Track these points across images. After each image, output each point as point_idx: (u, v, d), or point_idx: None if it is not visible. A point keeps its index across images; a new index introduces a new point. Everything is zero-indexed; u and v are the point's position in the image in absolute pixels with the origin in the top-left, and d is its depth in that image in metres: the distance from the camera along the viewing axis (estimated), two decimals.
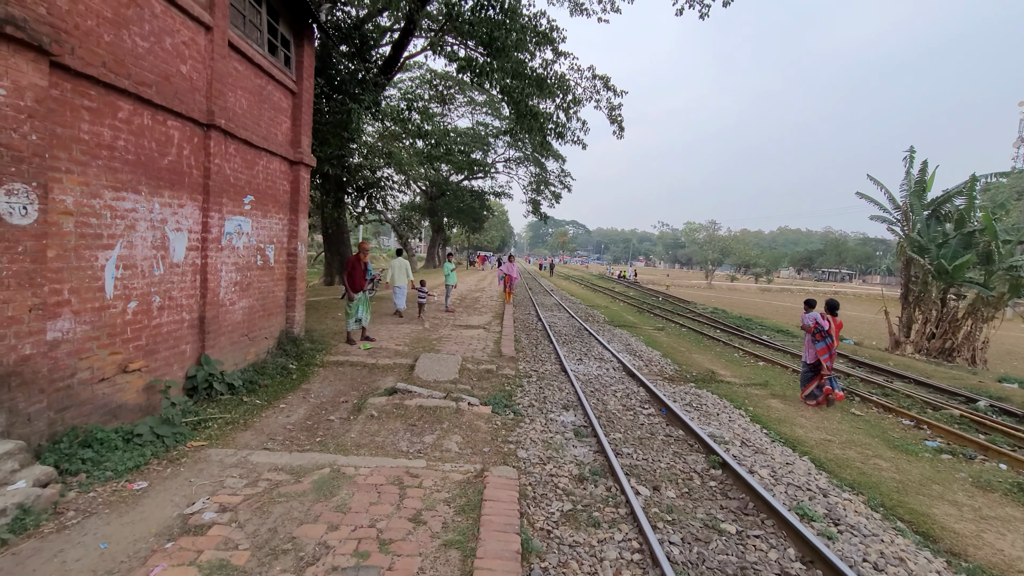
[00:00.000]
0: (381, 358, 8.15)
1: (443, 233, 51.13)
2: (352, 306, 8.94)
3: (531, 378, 8.03)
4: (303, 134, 8.08)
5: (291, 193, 8.03)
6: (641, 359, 10.45)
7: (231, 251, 6.38)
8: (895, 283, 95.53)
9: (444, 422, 5.57)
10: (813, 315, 7.95)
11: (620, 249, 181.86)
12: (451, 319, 12.98)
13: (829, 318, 7.79)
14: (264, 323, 7.40)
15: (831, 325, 7.73)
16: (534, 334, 12.65)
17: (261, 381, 6.53)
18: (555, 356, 9.94)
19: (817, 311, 8.14)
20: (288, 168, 7.92)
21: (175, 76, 5.11)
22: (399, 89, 30.52)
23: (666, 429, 6.19)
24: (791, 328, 19.96)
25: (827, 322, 7.73)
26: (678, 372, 9.62)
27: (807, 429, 6.75)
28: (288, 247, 8.08)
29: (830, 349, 7.69)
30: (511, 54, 14.01)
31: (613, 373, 8.98)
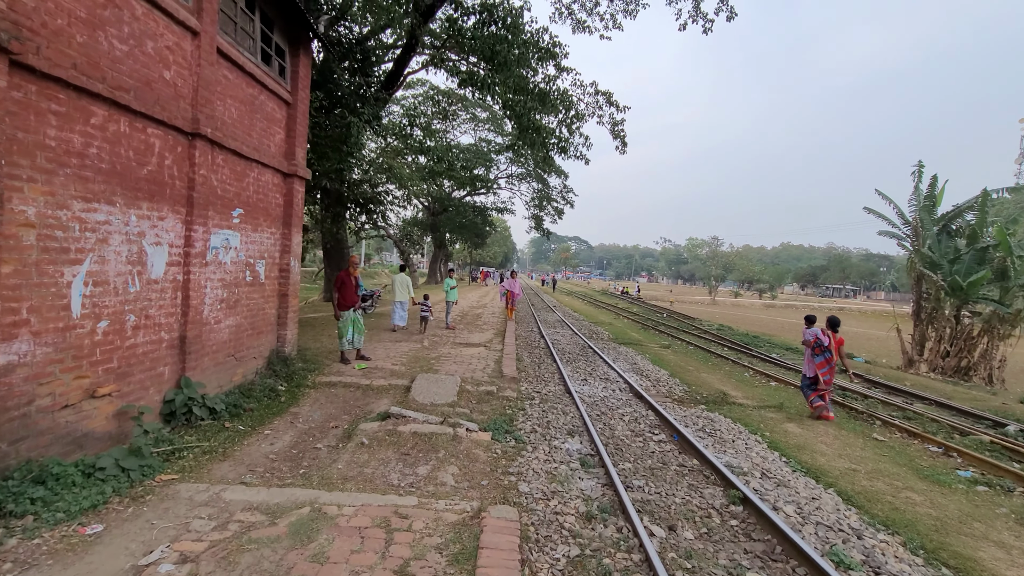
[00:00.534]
0: (376, 379, 7.76)
1: (445, 249, 50.97)
2: (342, 324, 8.57)
3: (534, 400, 7.61)
4: (297, 146, 7.82)
5: (284, 206, 7.73)
6: (648, 379, 10.02)
7: (217, 267, 6.05)
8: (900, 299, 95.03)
9: (440, 450, 5.15)
10: (814, 331, 8.14)
11: (622, 265, 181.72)
12: (451, 337, 12.60)
13: (829, 334, 7.96)
14: (253, 342, 7.03)
15: (831, 341, 7.90)
16: (537, 352, 12.24)
17: (246, 405, 6.13)
18: (559, 376, 9.52)
19: (817, 327, 8.32)
20: (281, 180, 7.63)
21: (157, 82, 4.84)
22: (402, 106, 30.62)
23: (679, 458, 5.76)
24: (799, 346, 19.50)
25: (827, 338, 7.91)
26: (687, 393, 9.18)
27: (829, 457, 6.30)
28: (280, 263, 7.75)
29: (829, 363, 7.87)
30: (513, 69, 13.88)
31: (620, 395, 8.55)
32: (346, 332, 8.62)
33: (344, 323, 8.59)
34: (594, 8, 17.66)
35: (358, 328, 8.78)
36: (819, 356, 7.93)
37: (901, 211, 17.73)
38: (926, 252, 16.56)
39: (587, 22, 17.47)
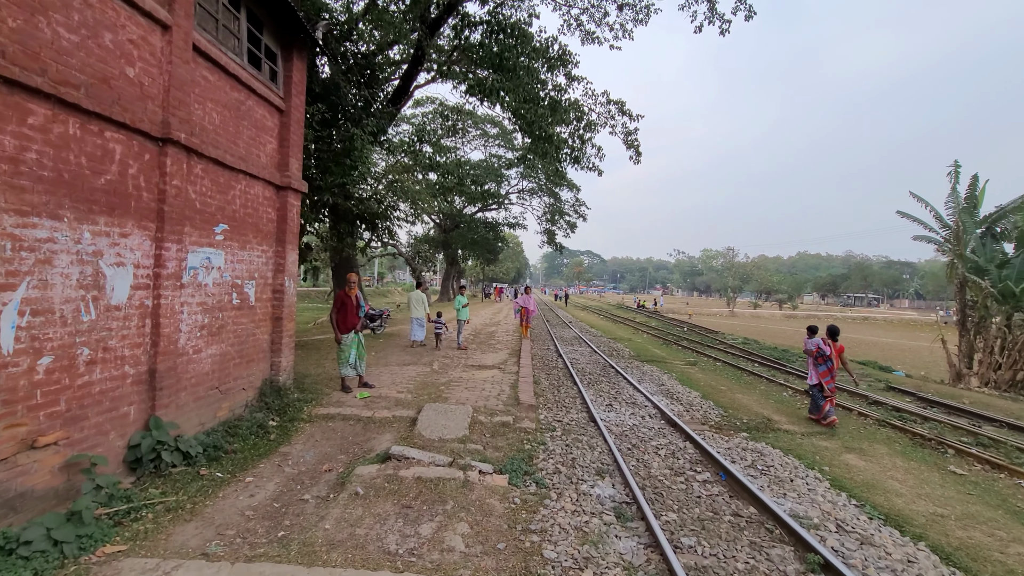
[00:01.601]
0: (379, 410, 6.98)
1: (457, 266, 50.49)
2: (343, 349, 7.85)
3: (555, 432, 6.76)
4: (292, 156, 7.21)
5: (277, 222, 7.10)
6: (679, 402, 9.10)
7: (196, 289, 5.38)
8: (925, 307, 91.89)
9: (448, 501, 4.34)
10: (816, 340, 8.45)
11: (636, 278, 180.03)
12: (463, 358, 11.81)
13: (830, 343, 8.30)
14: (241, 372, 6.33)
15: (832, 350, 8.23)
16: (555, 374, 11.38)
17: (229, 445, 5.40)
18: (581, 401, 8.66)
19: (819, 336, 8.59)
20: (274, 194, 7.01)
21: (117, 79, 4.22)
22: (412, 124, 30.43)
23: (732, 504, 4.86)
24: None
25: (828, 347, 8.23)
26: (725, 419, 8.25)
27: (907, 498, 5.34)
28: (273, 283, 7.09)
29: (831, 371, 8.18)
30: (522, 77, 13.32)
31: (650, 422, 7.66)
32: (347, 357, 7.89)
33: (345, 348, 7.87)
34: (603, 18, 17.19)
35: (360, 353, 8.05)
36: (822, 365, 8.24)
37: (939, 214, 16.65)
38: (970, 256, 15.44)
39: (596, 33, 17.00)
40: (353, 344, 7.98)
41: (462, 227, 42.75)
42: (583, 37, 17.49)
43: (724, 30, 15.47)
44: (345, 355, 7.88)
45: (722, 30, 15.46)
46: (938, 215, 16.63)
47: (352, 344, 7.95)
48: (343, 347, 7.87)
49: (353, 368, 7.99)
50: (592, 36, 17.29)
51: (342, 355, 7.90)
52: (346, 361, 7.89)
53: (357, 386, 8.12)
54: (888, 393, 11.44)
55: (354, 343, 7.99)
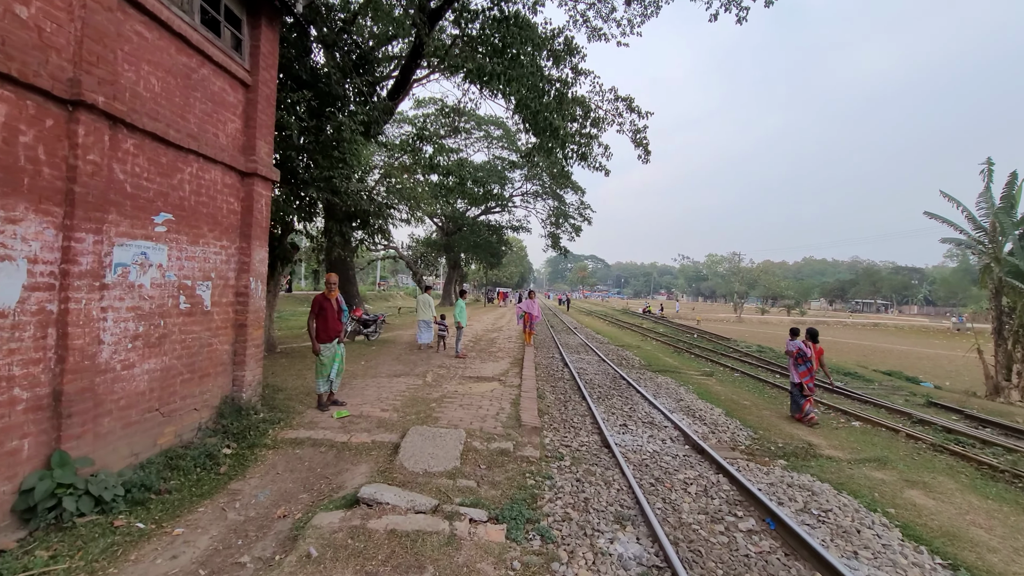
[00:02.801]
0: (357, 432, 5.98)
1: (460, 269, 49.54)
2: (322, 362, 6.85)
3: (563, 461, 5.73)
4: (260, 138, 6.25)
5: (242, 213, 6.13)
6: (702, 421, 8.05)
7: (127, 291, 4.41)
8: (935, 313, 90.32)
9: (426, 567, 3.33)
10: (796, 343, 8.87)
11: (640, 283, 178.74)
12: (460, 368, 10.79)
13: (811, 345, 8.74)
14: (191, 389, 5.34)
15: (812, 351, 8.66)
16: (561, 386, 10.35)
17: (164, 483, 4.40)
18: (591, 420, 7.63)
19: (800, 339, 8.99)
20: (237, 181, 6.04)
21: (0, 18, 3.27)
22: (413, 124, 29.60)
23: (790, 566, 3.82)
24: (857, 369, 17.22)
25: (808, 348, 8.66)
26: (756, 442, 7.20)
27: (1003, 555, 4.29)
28: (237, 285, 6.11)
29: (810, 372, 8.58)
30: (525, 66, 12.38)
31: (673, 447, 6.61)
32: (328, 370, 6.88)
33: (325, 359, 6.86)
34: (610, 14, 16.31)
35: (340, 367, 7.04)
36: (802, 366, 8.64)
37: (971, 214, 15.56)
38: (1008, 259, 14.34)
39: (603, 29, 16.13)
40: (336, 356, 6.98)
41: (465, 230, 41.85)
42: (589, 34, 16.64)
43: (741, 18, 14.50)
44: (325, 368, 6.88)
45: (739, 18, 14.49)
46: (971, 215, 15.54)
47: (335, 356, 6.95)
48: (322, 359, 6.87)
49: (331, 382, 6.99)
50: (599, 33, 16.44)
51: (321, 368, 6.89)
52: (325, 375, 6.89)
53: (332, 403, 7.09)
54: (930, 410, 10.35)
55: (337, 356, 6.98)
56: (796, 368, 8.68)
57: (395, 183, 15.81)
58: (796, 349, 8.72)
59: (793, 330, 9.40)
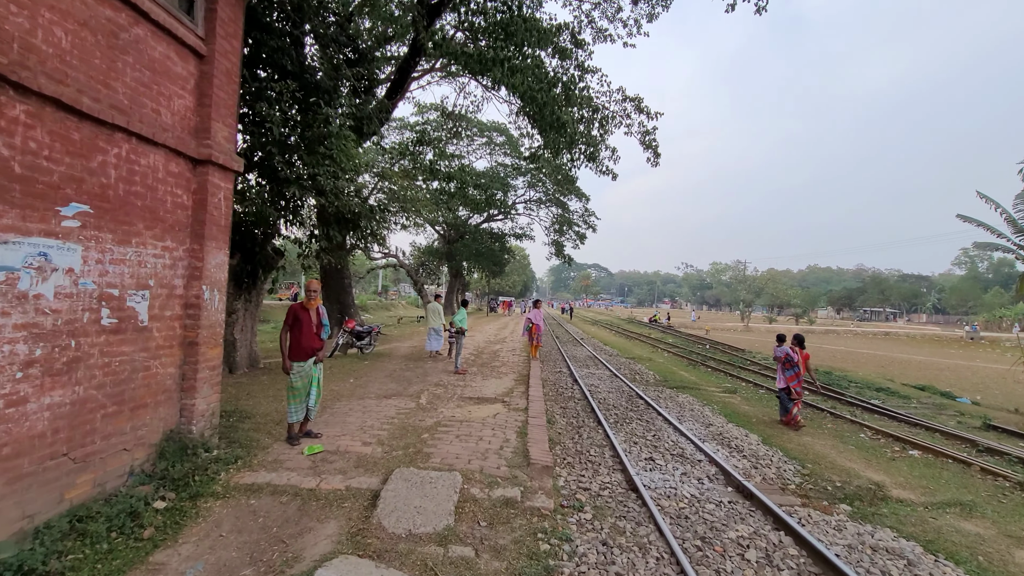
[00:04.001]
0: (330, 475, 4.88)
1: (462, 278, 48.52)
2: (295, 385, 5.77)
3: (583, 513, 4.62)
4: (217, 120, 5.23)
5: (193, 208, 5.09)
6: (739, 452, 6.92)
7: (16, 303, 3.36)
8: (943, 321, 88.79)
9: None
10: (784, 348, 9.12)
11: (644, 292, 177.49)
12: (459, 386, 9.70)
13: (797, 350, 8.99)
14: (119, 426, 4.27)
15: (799, 356, 8.92)
16: (572, 407, 9.24)
17: (57, 560, 3.31)
18: (611, 452, 6.52)
19: (787, 344, 9.22)
20: (187, 169, 5.01)
21: None
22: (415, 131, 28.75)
23: None
24: (887, 384, 16.03)
25: (796, 354, 8.92)
26: (808, 479, 6.08)
27: None
28: (186, 295, 5.06)
29: (798, 376, 8.84)
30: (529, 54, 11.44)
31: (713, 489, 5.49)
32: (300, 395, 5.79)
33: (298, 382, 5.77)
34: (616, 14, 15.44)
35: (317, 386, 5.95)
36: (789, 371, 8.91)
37: (1011, 217, 14.43)
38: None
39: (608, 30, 15.26)
40: (313, 380, 5.89)
41: (467, 238, 40.87)
42: (595, 35, 15.78)
43: (760, 8, 13.52)
44: (297, 393, 5.79)
45: (758, 7, 13.52)
46: (1011, 218, 14.41)
47: (311, 379, 5.86)
48: (294, 380, 5.78)
49: (310, 408, 5.89)
50: (604, 34, 15.58)
51: (292, 392, 5.80)
52: (297, 400, 5.80)
53: (302, 433, 5.97)
54: (990, 434, 9.17)
55: (313, 378, 5.90)
56: (784, 373, 9.01)
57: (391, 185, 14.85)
58: (784, 355, 9.02)
59: (780, 336, 9.66)
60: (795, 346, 9.04)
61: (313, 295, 5.95)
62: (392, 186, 19.07)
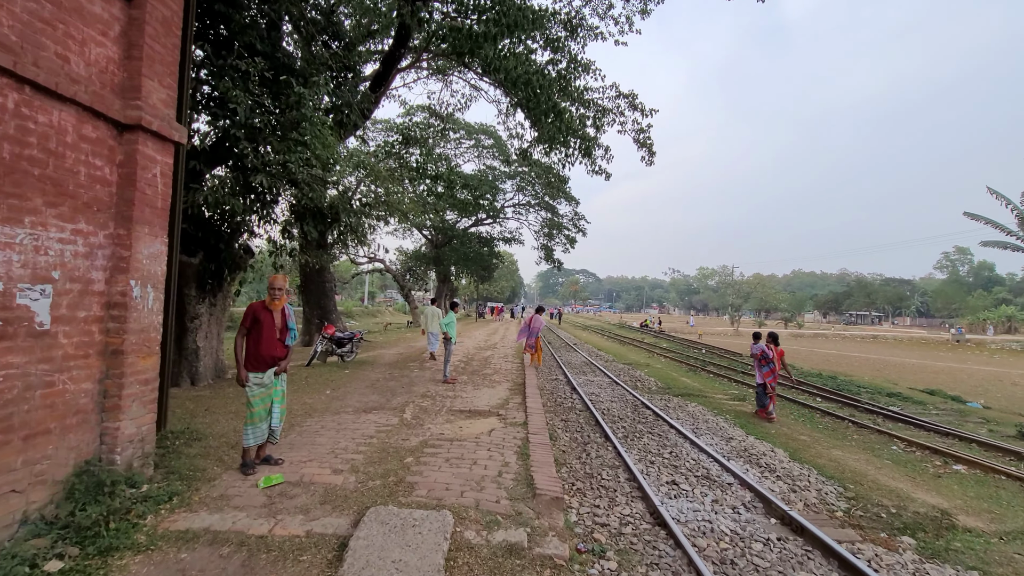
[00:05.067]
0: (288, 516, 3.90)
1: (450, 283, 47.49)
2: (251, 400, 4.77)
3: (606, 561, 3.70)
4: (149, 77, 4.26)
5: (119, 184, 4.11)
6: (772, 472, 6.06)
7: None
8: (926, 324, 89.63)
9: None
10: (760, 346, 9.52)
11: (632, 297, 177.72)
12: (449, 396, 8.73)
13: (772, 348, 9.37)
14: (6, 459, 3.26)
15: (774, 353, 9.30)
16: (574, 419, 8.34)
17: None
18: (625, 473, 5.62)
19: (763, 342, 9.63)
20: (110, 135, 4.04)
21: None
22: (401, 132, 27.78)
23: None
24: (898, 388, 15.39)
25: (771, 351, 9.30)
26: (855, 503, 5.24)
27: None
28: (108, 291, 4.06)
29: (773, 372, 9.26)
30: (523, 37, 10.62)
31: (756, 522, 4.61)
32: (259, 414, 4.78)
33: (255, 397, 4.78)
34: (608, 11, 14.76)
35: (280, 411, 4.95)
36: (765, 367, 9.30)
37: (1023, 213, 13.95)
38: None
39: (599, 28, 14.59)
40: (275, 395, 4.90)
41: (455, 242, 39.89)
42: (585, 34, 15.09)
43: None
44: (255, 411, 4.79)
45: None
46: (1022, 216, 13.93)
47: (272, 392, 4.87)
48: (251, 395, 4.79)
49: (269, 430, 4.89)
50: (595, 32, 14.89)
51: (250, 410, 4.81)
52: (258, 420, 4.79)
53: (260, 459, 4.95)
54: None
55: (276, 393, 4.91)
56: (760, 369, 9.41)
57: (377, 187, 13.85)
58: (760, 352, 9.45)
59: (756, 334, 10.22)
60: (770, 343, 9.49)
61: (278, 293, 4.96)
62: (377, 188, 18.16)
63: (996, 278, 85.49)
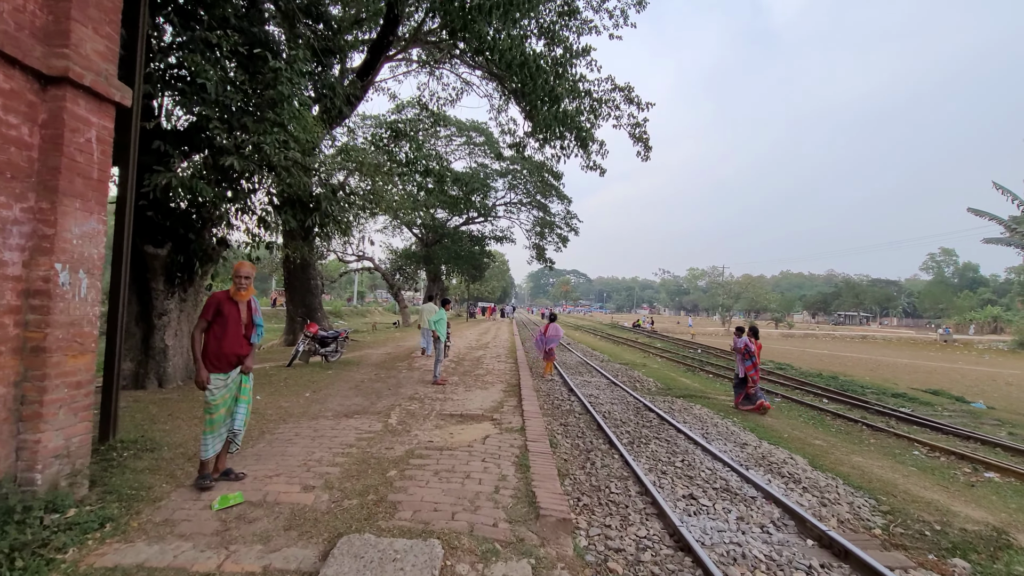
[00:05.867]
0: (242, 547, 3.23)
1: (440, 282, 46.75)
2: (211, 402, 4.10)
3: None
4: (81, 22, 3.58)
5: (41, 148, 3.43)
6: (795, 481, 5.50)
7: None
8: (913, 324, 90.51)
9: None
10: (743, 340, 9.88)
11: (623, 298, 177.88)
12: (439, 399, 8.08)
13: (754, 341, 9.84)
14: None
15: (755, 347, 9.71)
16: (573, 423, 7.74)
17: None
18: (638, 487, 5.02)
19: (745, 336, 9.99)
20: (29, 88, 3.35)
21: None
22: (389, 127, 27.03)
23: None
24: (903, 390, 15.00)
25: (752, 345, 9.72)
26: (895, 520, 4.69)
27: None
28: (26, 276, 3.38)
29: (756, 366, 9.62)
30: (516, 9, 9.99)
31: (789, 543, 4.02)
32: (219, 421, 4.11)
33: (215, 400, 4.10)
34: (602, 4, 14.27)
35: (244, 414, 4.27)
36: (747, 360, 9.54)
37: None
38: None
39: (594, 21, 14.08)
40: (243, 393, 4.24)
41: (445, 241, 39.16)
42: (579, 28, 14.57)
43: None
44: (215, 416, 4.11)
45: None
46: None
47: (236, 394, 4.20)
48: (210, 399, 4.11)
49: (233, 436, 4.22)
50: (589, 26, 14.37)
51: (209, 415, 4.13)
52: (217, 427, 4.11)
53: (224, 474, 4.26)
54: None
55: (243, 391, 4.24)
56: (743, 363, 9.66)
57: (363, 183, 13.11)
58: (743, 345, 9.71)
59: (739, 329, 10.41)
60: (752, 338, 9.85)
61: (245, 283, 4.27)
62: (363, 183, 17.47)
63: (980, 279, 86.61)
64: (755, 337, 9.94)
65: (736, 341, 10.03)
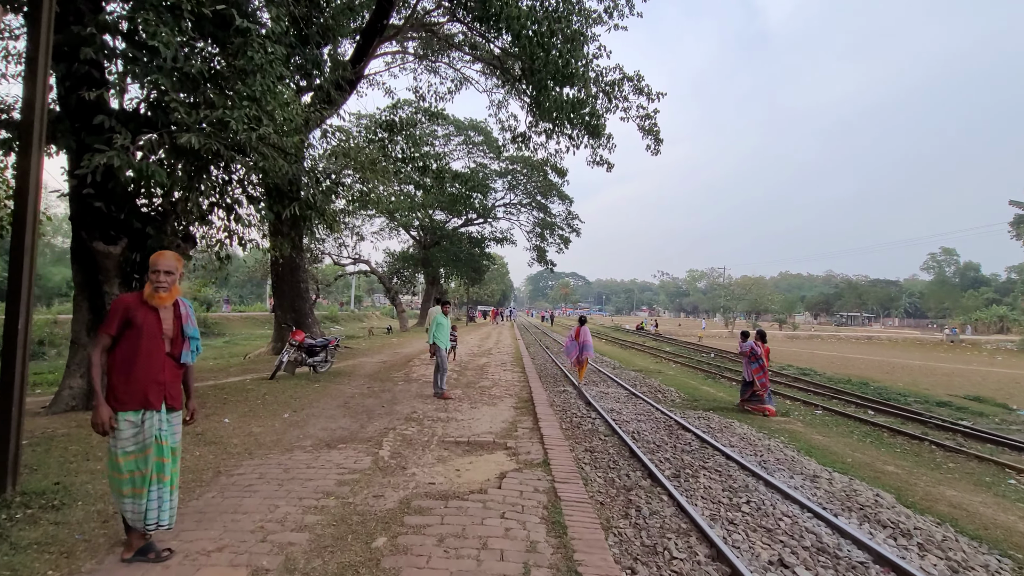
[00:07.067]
0: None
1: (438, 286, 45.52)
2: (117, 453, 2.88)
3: None
4: None
5: None
6: (900, 531, 4.30)
7: None
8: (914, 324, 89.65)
9: None
10: (749, 343, 9.82)
11: (622, 300, 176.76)
12: (441, 420, 6.86)
13: (760, 345, 9.73)
14: None
15: (762, 350, 9.62)
16: (599, 446, 6.53)
17: None
18: (708, 550, 3.82)
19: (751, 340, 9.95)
20: None
21: None
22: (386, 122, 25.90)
23: None
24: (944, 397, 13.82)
25: (759, 348, 9.63)
26: None
27: None
28: None
29: (763, 368, 9.51)
30: None
31: None
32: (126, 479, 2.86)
33: (128, 449, 2.87)
34: None
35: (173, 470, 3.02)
36: (754, 363, 9.55)
37: None
38: None
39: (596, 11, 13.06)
40: (163, 451, 2.97)
41: (444, 243, 37.95)
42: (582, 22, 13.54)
43: None
44: (125, 476, 2.86)
45: None
46: None
47: (154, 444, 2.94)
48: (119, 450, 2.87)
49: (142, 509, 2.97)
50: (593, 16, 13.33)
51: (116, 472, 2.88)
52: (128, 489, 2.87)
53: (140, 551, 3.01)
54: None
55: (165, 447, 2.97)
56: (749, 366, 9.59)
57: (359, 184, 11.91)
58: (749, 349, 9.66)
59: (744, 333, 10.60)
60: (758, 341, 9.78)
61: (166, 280, 3.00)
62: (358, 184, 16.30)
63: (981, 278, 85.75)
64: (762, 341, 9.90)
65: (742, 345, 10.03)
